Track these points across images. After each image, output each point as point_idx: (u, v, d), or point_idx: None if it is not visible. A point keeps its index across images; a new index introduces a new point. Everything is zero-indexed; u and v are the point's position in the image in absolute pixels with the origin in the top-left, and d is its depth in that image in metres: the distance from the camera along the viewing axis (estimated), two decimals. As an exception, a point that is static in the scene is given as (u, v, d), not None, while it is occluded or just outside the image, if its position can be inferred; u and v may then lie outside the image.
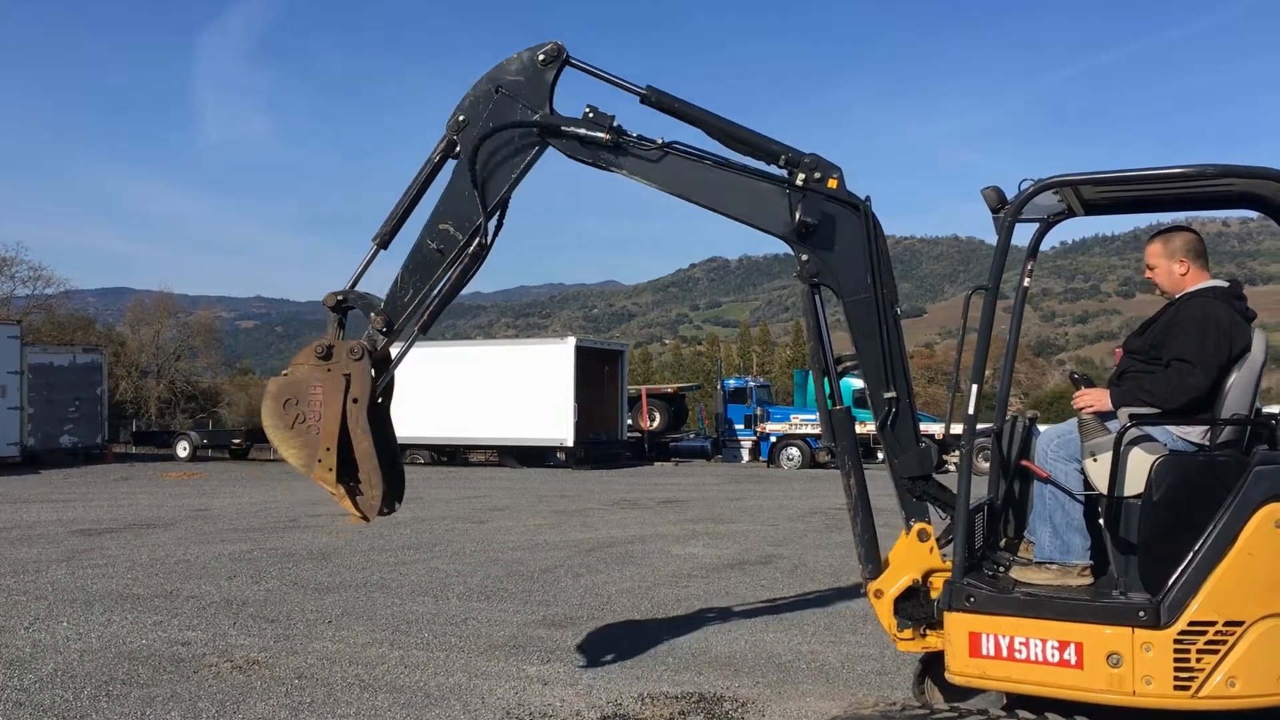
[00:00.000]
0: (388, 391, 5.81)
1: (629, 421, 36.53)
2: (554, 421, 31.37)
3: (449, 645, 7.80)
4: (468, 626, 8.45)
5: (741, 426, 36.43)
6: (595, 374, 33.60)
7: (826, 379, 5.05)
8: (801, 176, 4.93)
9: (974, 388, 4.33)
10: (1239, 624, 3.90)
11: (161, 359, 58.12)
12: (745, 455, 36.05)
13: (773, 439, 33.80)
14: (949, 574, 4.49)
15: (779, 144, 5.08)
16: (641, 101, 5.25)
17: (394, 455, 5.87)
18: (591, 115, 5.31)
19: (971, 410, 4.31)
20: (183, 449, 36.91)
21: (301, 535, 14.44)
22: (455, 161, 5.56)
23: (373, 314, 5.64)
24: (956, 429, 4.96)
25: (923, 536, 4.63)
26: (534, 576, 10.93)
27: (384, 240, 5.68)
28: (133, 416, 50.90)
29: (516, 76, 5.46)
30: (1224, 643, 3.89)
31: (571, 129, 5.32)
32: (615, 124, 5.27)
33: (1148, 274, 4.74)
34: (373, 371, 5.62)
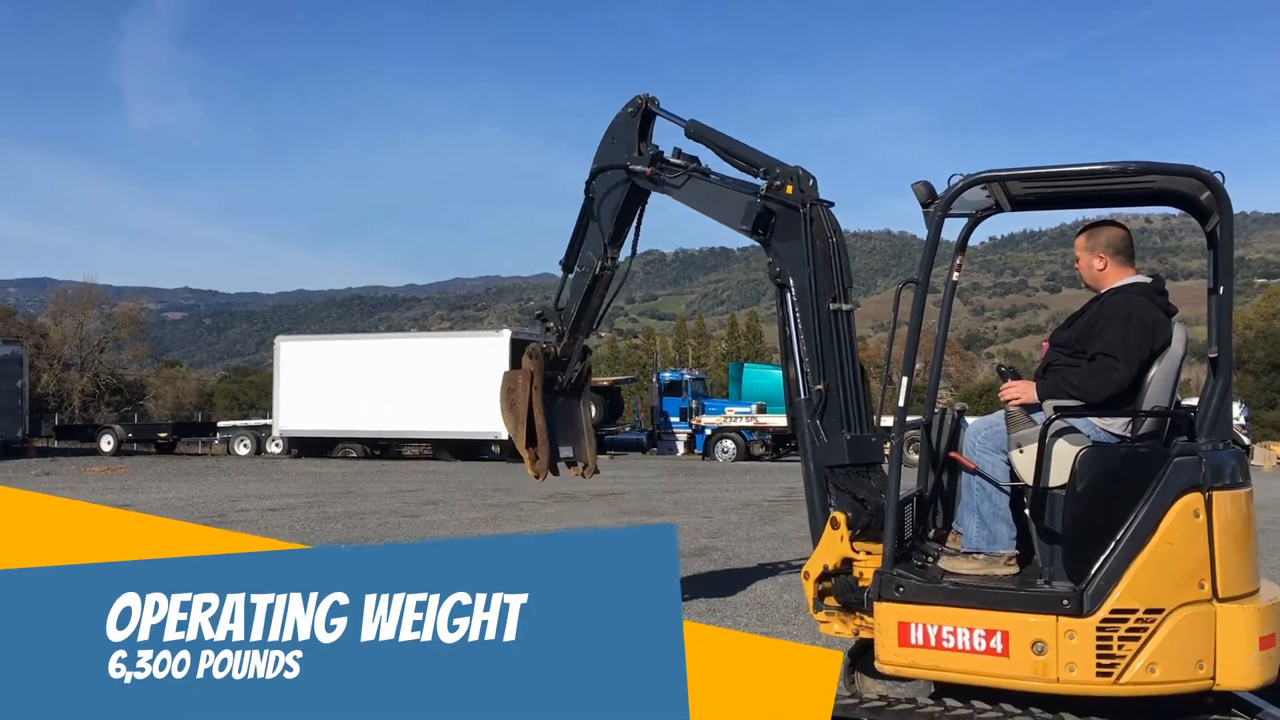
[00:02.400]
0: (584, 379, 7.72)
1: (564, 414, 36.40)
2: (488, 414, 30.94)
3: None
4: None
5: (677, 419, 36.53)
6: (531, 367, 33.43)
7: (793, 371, 5.27)
8: (764, 185, 5.23)
9: (904, 380, 4.39)
10: (1159, 611, 3.99)
11: (85, 351, 56.89)
12: (680, 448, 36.18)
13: (708, 432, 33.95)
14: (862, 560, 4.64)
15: (763, 157, 5.46)
16: (685, 134, 6.08)
17: (584, 429, 7.89)
18: (652, 154, 6.24)
19: (902, 403, 4.37)
20: (107, 443, 36.19)
21: (229, 530, 14.18)
22: None
23: (551, 323, 7.32)
24: (887, 421, 5.04)
25: (834, 525, 4.73)
26: (467, 570, 10.84)
27: (566, 264, 7.11)
28: (55, 410, 49.75)
29: (620, 127, 6.51)
30: (1145, 630, 3.97)
31: (631, 166, 6.30)
32: (665, 158, 6.13)
33: (1076, 265, 4.82)
34: (571, 366, 7.49)
